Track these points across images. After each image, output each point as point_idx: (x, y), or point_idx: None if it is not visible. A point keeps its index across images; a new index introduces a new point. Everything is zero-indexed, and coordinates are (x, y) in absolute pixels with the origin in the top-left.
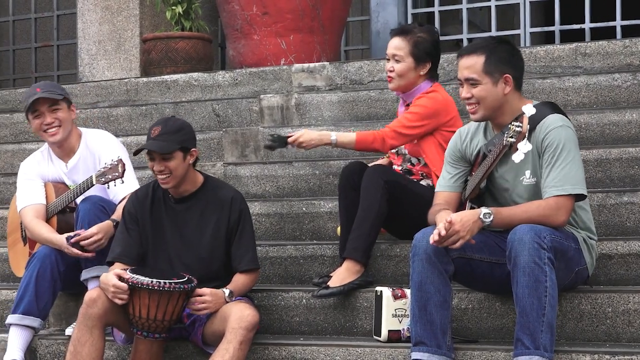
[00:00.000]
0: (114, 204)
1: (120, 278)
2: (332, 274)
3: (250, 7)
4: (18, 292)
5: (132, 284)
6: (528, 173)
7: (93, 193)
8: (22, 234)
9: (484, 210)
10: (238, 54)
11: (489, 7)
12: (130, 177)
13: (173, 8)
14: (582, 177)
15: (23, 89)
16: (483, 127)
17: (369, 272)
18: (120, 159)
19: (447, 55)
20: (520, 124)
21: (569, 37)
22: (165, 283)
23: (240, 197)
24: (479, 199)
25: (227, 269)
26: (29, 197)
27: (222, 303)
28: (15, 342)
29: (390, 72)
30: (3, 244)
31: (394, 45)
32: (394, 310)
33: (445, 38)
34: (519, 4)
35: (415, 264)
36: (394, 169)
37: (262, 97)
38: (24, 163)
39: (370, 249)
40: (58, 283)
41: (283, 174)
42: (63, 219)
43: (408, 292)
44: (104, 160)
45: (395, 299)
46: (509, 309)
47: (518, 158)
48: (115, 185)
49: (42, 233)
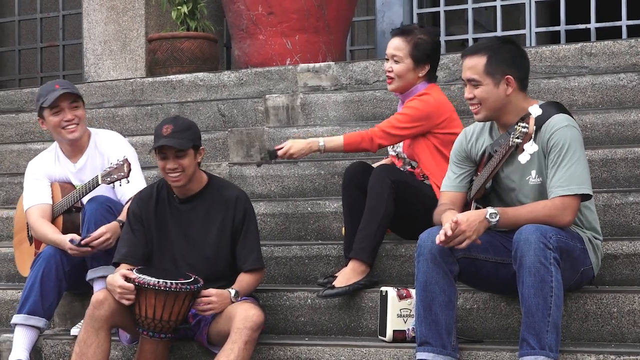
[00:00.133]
0: (121, 205)
1: (127, 278)
2: (337, 274)
3: (256, 7)
4: (23, 292)
5: (138, 284)
6: (534, 173)
7: (100, 193)
8: (28, 234)
9: (490, 210)
10: (243, 54)
11: (495, 7)
12: (138, 177)
13: (178, 8)
14: (587, 176)
15: (28, 89)
16: (489, 127)
17: (374, 272)
18: (126, 159)
19: (452, 55)
20: (527, 125)
21: (575, 37)
22: (172, 283)
23: (245, 196)
24: (484, 199)
25: (232, 269)
26: (35, 196)
27: (227, 303)
28: (21, 342)
29: (389, 72)
30: (8, 244)
31: (394, 46)
32: (399, 310)
33: (451, 38)
34: (525, 4)
35: (420, 264)
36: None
37: (267, 97)
38: (32, 162)
39: (377, 250)
40: (63, 283)
41: (288, 174)
42: (69, 219)
43: (413, 292)
44: (113, 161)
45: (401, 299)
46: (514, 309)
47: (524, 159)
48: (121, 185)
49: (46, 233)
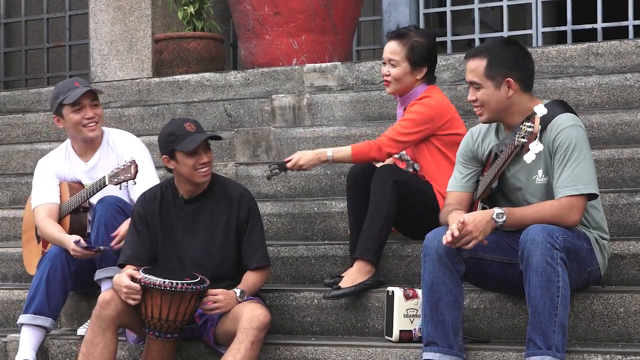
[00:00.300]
0: (131, 205)
1: (133, 279)
2: (343, 274)
3: (262, 7)
4: (29, 291)
5: (144, 285)
6: (540, 172)
7: (113, 194)
8: (36, 232)
9: (497, 211)
10: (250, 54)
11: (501, 7)
12: (153, 177)
13: (185, 8)
14: (593, 176)
15: (35, 90)
16: (494, 127)
17: (380, 272)
18: (134, 160)
19: (458, 55)
20: (532, 125)
21: (581, 37)
22: (178, 283)
23: (249, 194)
24: (491, 199)
25: (238, 268)
26: (43, 195)
27: (234, 303)
28: (27, 342)
29: (387, 76)
30: (14, 245)
31: (390, 50)
32: (406, 311)
33: (457, 38)
34: (531, 4)
35: (427, 264)
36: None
37: (273, 97)
38: (42, 161)
39: (381, 249)
40: (69, 283)
41: (294, 174)
42: (76, 219)
43: (419, 292)
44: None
45: (407, 299)
46: (521, 309)
47: (529, 158)
48: (127, 186)
49: (52, 233)
